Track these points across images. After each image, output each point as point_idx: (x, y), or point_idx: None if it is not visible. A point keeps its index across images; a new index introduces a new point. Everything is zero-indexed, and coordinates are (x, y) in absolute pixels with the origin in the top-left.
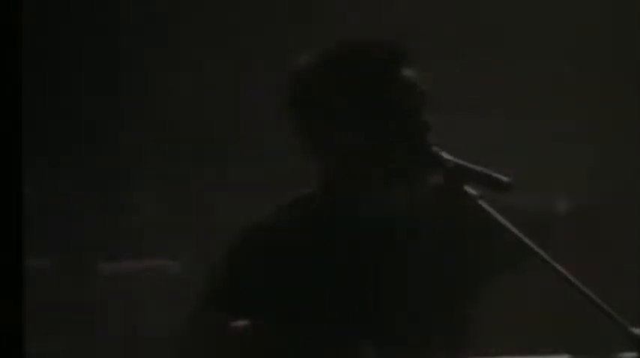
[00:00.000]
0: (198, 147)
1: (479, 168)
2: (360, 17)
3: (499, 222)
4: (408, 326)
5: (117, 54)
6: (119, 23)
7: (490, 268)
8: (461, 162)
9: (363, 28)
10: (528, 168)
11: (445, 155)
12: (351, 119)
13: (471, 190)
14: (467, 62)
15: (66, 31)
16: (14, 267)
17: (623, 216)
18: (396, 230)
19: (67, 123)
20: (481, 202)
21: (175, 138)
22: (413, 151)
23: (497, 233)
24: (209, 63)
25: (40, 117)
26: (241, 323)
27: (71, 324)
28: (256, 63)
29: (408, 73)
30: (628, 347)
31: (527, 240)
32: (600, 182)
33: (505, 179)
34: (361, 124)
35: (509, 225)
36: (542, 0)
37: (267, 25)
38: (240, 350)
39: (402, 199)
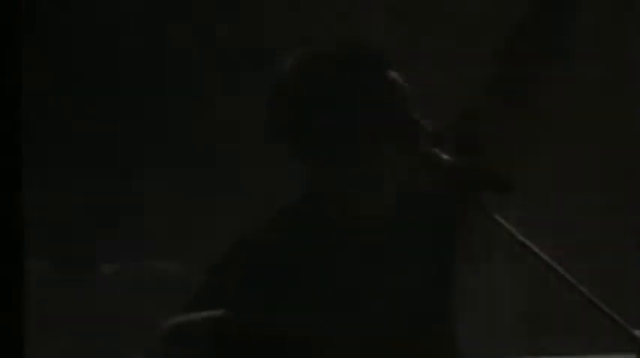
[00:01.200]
0: (199, 147)
1: (481, 169)
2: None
3: (499, 222)
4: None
5: (117, 53)
6: (119, 23)
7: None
8: (461, 162)
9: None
10: (529, 168)
11: (444, 156)
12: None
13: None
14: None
15: (66, 30)
16: (14, 267)
17: (625, 215)
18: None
19: (68, 123)
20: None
21: (176, 139)
22: (407, 151)
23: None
24: (209, 63)
25: (40, 117)
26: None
27: (71, 324)
28: (257, 63)
29: (393, 74)
30: (628, 348)
31: (526, 241)
32: (601, 182)
33: (507, 179)
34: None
35: (508, 225)
36: None
37: (268, 25)
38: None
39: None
